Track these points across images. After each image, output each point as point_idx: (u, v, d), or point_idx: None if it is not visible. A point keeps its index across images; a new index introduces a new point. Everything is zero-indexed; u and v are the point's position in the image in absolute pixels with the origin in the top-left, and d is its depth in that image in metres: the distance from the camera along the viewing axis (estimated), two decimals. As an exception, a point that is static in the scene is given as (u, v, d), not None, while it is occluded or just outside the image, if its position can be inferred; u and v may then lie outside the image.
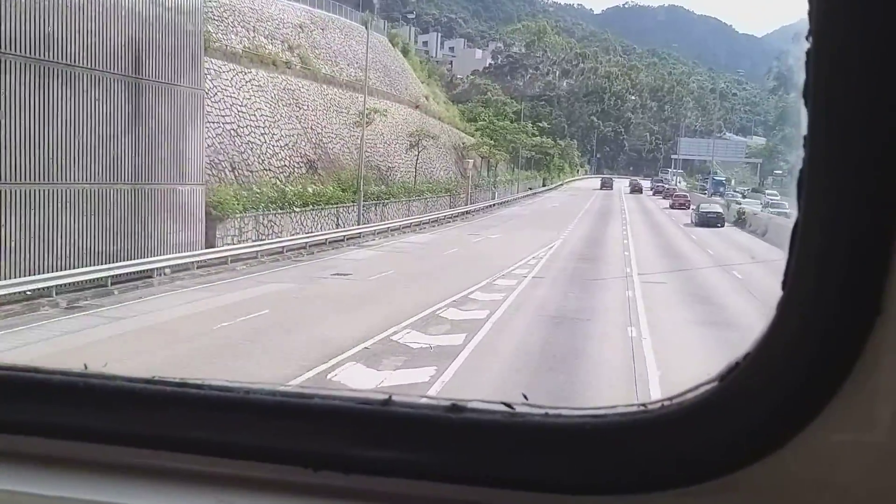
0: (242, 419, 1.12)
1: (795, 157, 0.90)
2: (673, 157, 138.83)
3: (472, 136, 74.75)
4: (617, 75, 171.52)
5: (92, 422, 1.17)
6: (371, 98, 53.09)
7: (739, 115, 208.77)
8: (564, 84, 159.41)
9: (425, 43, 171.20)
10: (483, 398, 1.08)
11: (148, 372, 1.22)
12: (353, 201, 39.62)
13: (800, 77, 0.89)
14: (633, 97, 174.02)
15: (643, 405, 1.03)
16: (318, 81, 46.02)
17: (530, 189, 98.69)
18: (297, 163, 39.04)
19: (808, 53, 0.89)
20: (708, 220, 49.65)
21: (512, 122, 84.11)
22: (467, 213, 57.63)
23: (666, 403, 1.01)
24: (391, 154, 52.98)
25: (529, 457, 1.03)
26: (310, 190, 35.45)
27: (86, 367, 1.26)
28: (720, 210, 53.31)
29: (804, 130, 0.89)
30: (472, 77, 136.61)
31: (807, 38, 0.89)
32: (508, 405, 1.05)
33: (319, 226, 36.27)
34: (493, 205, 66.84)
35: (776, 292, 0.95)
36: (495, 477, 1.04)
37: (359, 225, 38.93)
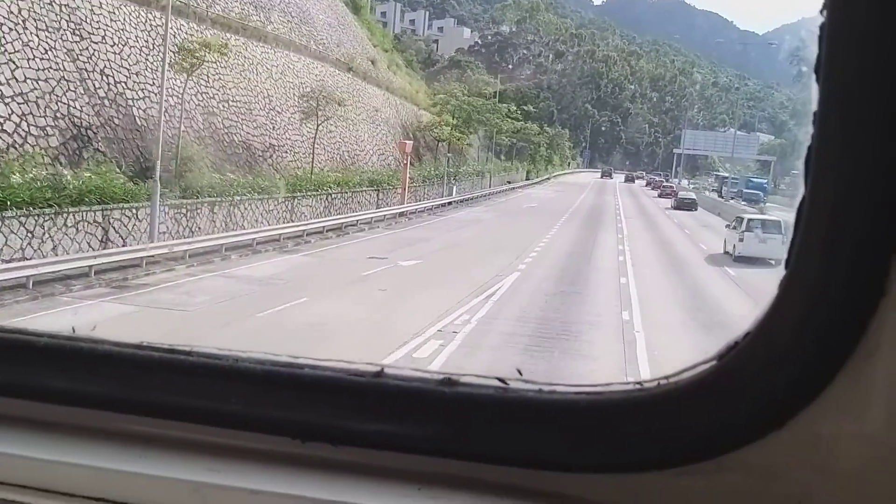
0: (231, 387, 1.08)
1: (804, 135, 0.86)
2: (675, 151, 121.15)
3: (437, 116, 57.22)
4: (615, 60, 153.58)
5: (79, 386, 1.13)
6: (263, 46, 35.50)
7: (742, 110, 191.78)
8: (558, 67, 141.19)
9: (412, 21, 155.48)
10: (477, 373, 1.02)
11: None
12: (161, 197, 22.06)
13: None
14: (632, 86, 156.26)
15: (639, 383, 0.98)
16: (143, 4, 28.32)
17: (508, 183, 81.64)
18: (44, 128, 21.35)
19: (821, 27, 0.84)
20: (683, 205, 57.27)
21: (487, 99, 66.05)
22: (402, 215, 40.17)
23: (662, 382, 0.97)
24: (281, 126, 35.25)
25: (522, 433, 1.00)
26: (17, 178, 17.63)
27: (73, 331, 1.21)
28: (693, 197, 62.30)
29: (814, 106, 0.85)
30: (454, 55, 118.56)
31: (821, 12, 0.84)
32: (502, 380, 1.02)
33: (54, 247, 18.70)
34: (449, 203, 49.34)
35: None
36: (487, 452, 1.01)
37: (152, 242, 21.32)
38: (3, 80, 20.52)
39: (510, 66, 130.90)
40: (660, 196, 72.49)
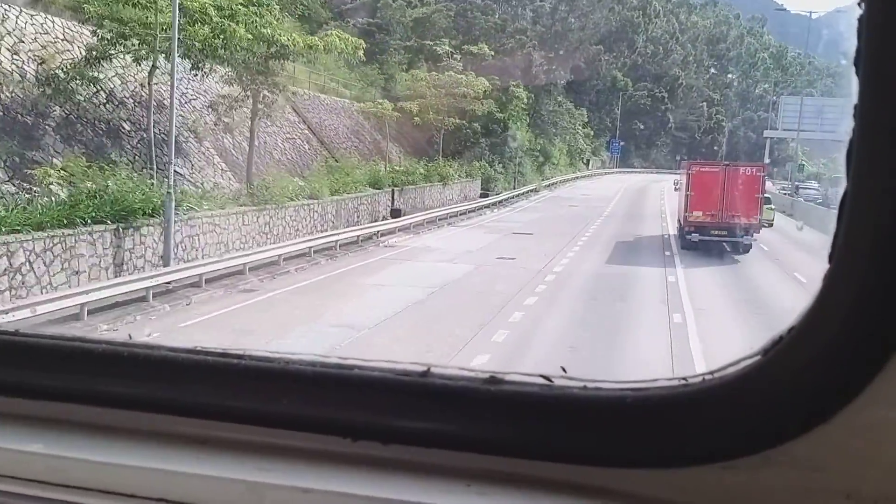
0: (282, 389, 1.07)
1: (846, 127, 0.82)
2: (767, 134, 68.98)
3: None
4: (658, 12, 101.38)
5: (135, 391, 1.13)
6: None
7: (821, 87, 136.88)
8: (573, 20, 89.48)
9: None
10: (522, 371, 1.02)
11: None
12: None
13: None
14: (680, 47, 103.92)
15: (684, 379, 0.96)
16: None
17: (391, 216, 31.47)
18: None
19: (859, 20, 0.80)
20: None
21: None
22: None
23: (707, 377, 0.94)
24: None
25: (567, 429, 0.98)
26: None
27: (130, 337, 1.20)
28: None
29: (855, 99, 0.82)
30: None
31: (859, 5, 0.80)
32: (547, 377, 1.00)
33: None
34: None
35: None
36: (533, 449, 1.00)
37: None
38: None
39: (495, 17, 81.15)
40: None
